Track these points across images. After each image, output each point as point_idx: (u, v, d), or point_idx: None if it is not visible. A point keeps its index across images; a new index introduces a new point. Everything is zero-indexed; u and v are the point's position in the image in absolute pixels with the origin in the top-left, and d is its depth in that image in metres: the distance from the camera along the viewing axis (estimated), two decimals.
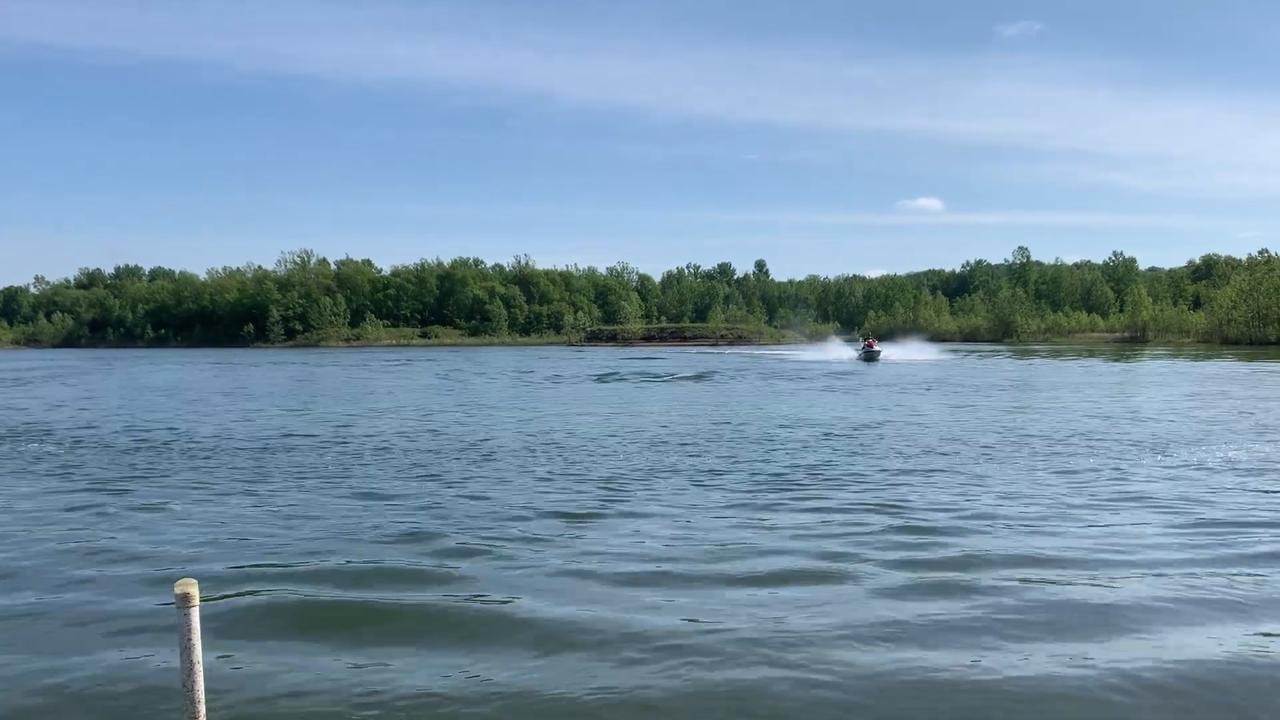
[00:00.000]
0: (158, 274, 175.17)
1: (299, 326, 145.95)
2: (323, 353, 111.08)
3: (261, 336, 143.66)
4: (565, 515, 12.49)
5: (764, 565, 9.74)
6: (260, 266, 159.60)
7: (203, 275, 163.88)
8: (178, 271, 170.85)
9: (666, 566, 9.78)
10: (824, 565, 9.73)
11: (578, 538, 11.19)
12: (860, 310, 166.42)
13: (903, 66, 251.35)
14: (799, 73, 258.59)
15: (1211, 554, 10.04)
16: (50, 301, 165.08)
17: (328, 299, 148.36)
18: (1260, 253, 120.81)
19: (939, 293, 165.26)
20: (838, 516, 12.18)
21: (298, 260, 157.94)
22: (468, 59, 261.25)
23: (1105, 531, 11.21)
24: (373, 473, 16.45)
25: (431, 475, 16.09)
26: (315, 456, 18.65)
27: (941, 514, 12.24)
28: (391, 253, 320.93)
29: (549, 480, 15.43)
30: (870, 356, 67.20)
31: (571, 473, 16.12)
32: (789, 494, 13.94)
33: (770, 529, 11.54)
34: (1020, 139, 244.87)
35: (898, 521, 11.81)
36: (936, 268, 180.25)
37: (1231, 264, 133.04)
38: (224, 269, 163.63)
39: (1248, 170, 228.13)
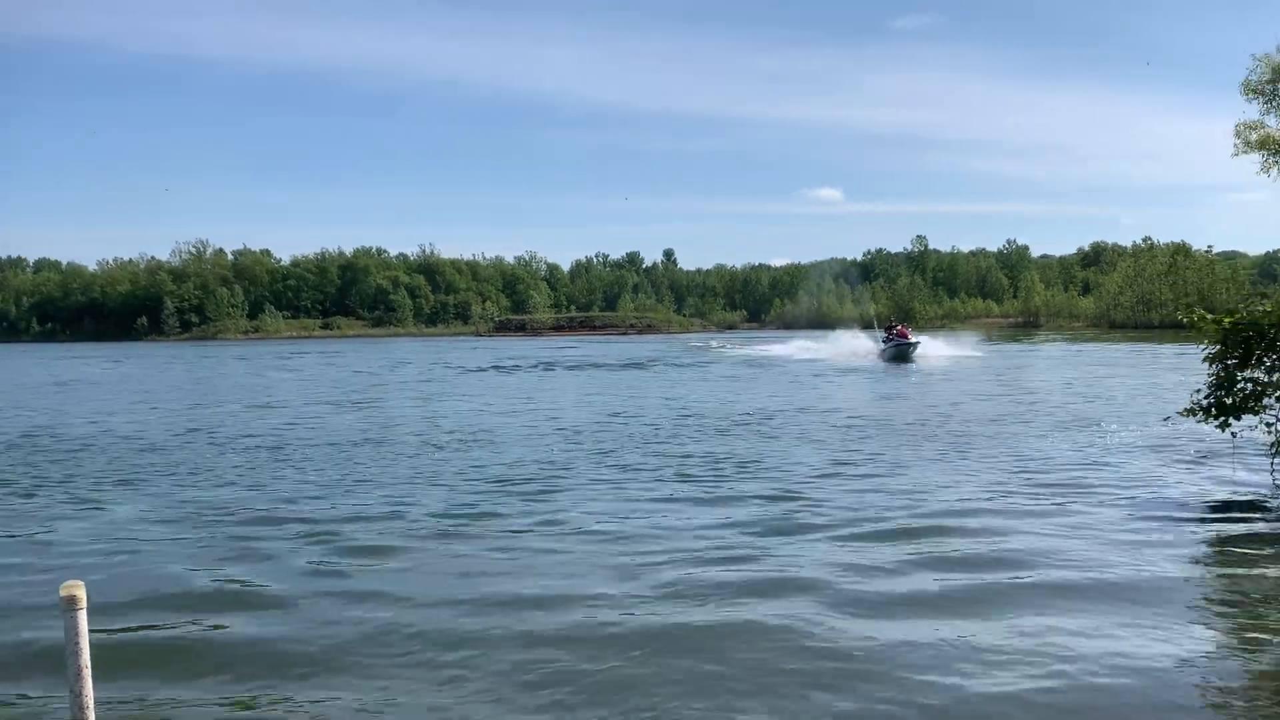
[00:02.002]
0: (43, 265, 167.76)
1: (195, 319, 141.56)
2: (220, 345, 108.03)
3: (156, 329, 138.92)
4: (470, 516, 12.38)
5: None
6: (154, 257, 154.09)
7: (92, 267, 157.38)
8: (65, 263, 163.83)
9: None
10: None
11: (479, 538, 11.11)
12: (766, 298, 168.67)
13: (800, 57, 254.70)
14: (701, 62, 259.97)
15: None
16: None
17: (225, 290, 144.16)
18: (1144, 240, 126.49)
19: (840, 280, 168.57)
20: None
21: (193, 251, 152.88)
22: (368, 42, 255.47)
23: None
24: (258, 470, 16.08)
25: (322, 473, 15.80)
26: (200, 454, 18.15)
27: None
28: (291, 243, 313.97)
29: (470, 479, 15.28)
30: (902, 353, 46.34)
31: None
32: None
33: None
34: (915, 129, 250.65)
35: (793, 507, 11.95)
36: (839, 256, 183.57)
37: (1118, 251, 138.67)
38: (115, 260, 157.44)
39: (1131, 159, 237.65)
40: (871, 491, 12.98)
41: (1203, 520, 10.97)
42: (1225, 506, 11.64)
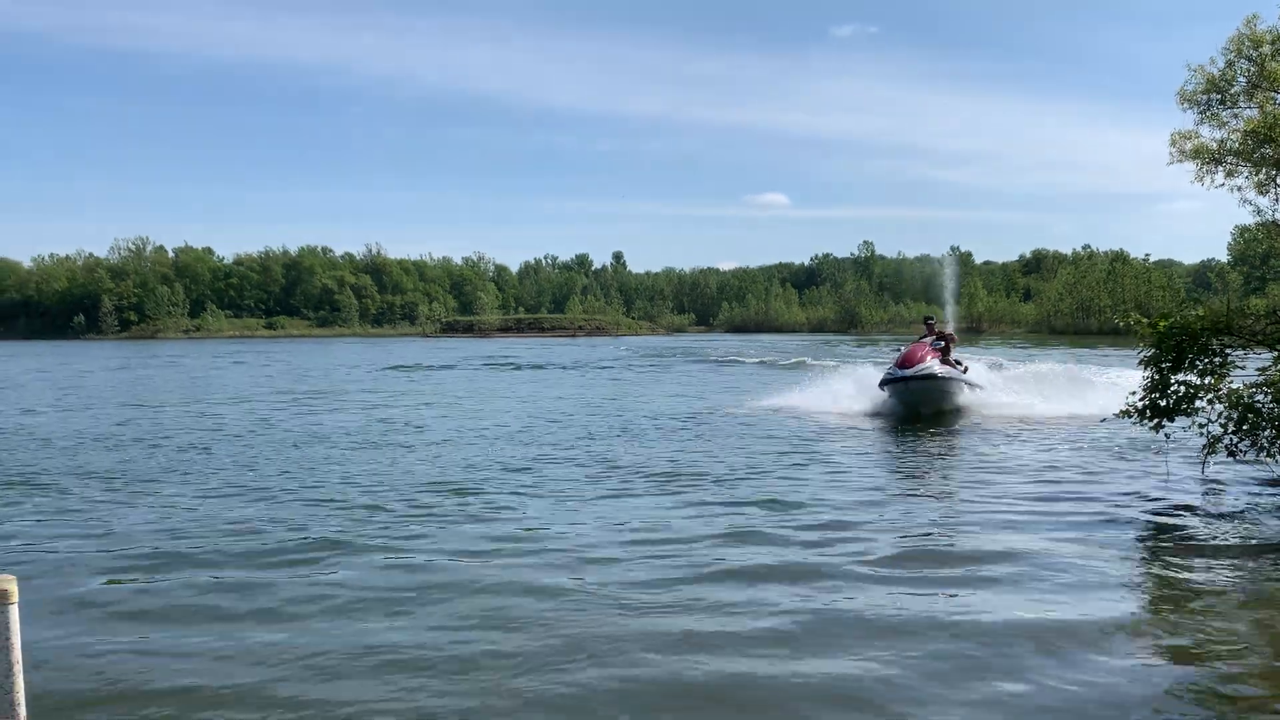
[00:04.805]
0: None
1: (134, 317, 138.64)
2: (159, 344, 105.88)
3: (93, 328, 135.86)
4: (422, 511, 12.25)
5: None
6: (91, 254, 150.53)
7: (27, 263, 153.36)
8: None
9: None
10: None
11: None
12: (715, 302, 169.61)
13: (744, 63, 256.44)
14: (648, 65, 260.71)
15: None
16: None
17: (165, 288, 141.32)
18: (1083, 248, 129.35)
19: (788, 285, 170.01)
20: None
21: (132, 248, 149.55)
22: (314, 39, 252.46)
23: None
24: (200, 469, 15.80)
25: (263, 473, 15.56)
26: (135, 453, 17.78)
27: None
28: (234, 241, 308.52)
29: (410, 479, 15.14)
30: (923, 394, 21.70)
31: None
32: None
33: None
34: (859, 136, 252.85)
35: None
36: (786, 260, 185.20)
37: (1058, 258, 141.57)
38: (51, 256, 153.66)
39: (1067, 168, 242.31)
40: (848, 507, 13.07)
41: (1137, 520, 11.22)
42: (1159, 506, 11.91)
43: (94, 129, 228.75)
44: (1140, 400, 12.66)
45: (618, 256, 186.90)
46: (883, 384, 22.21)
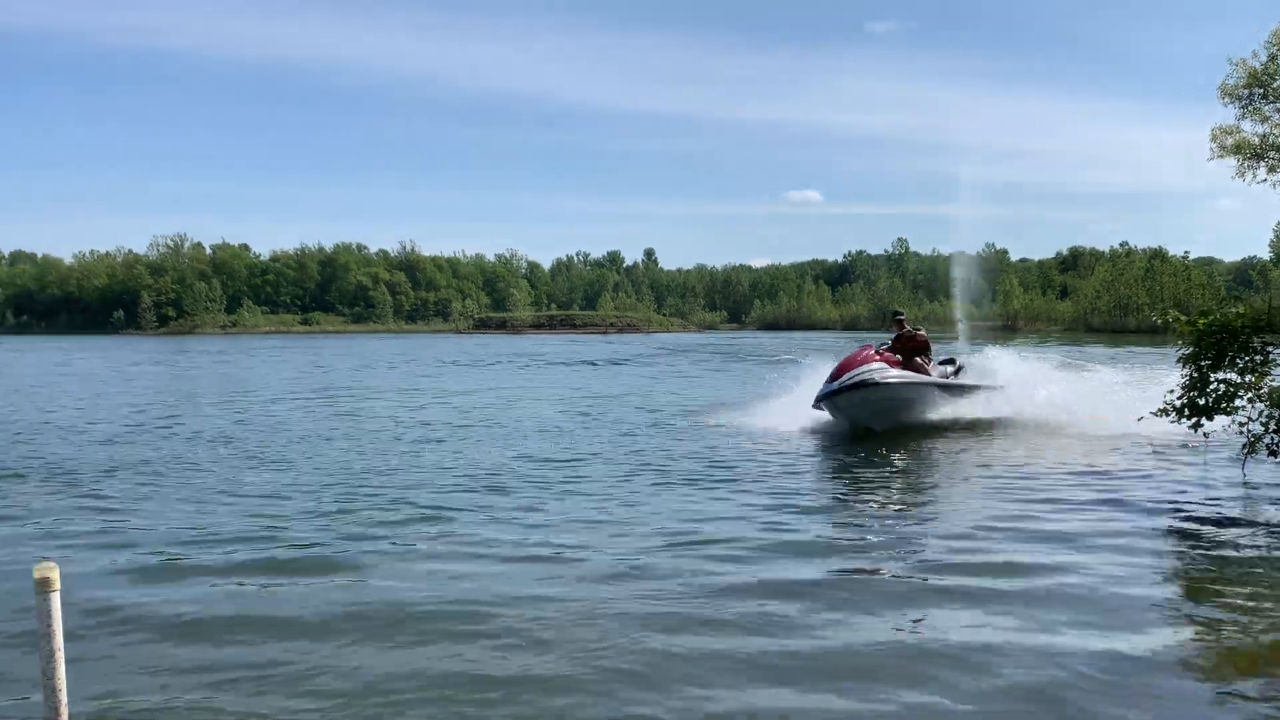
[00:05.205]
0: (18, 257, 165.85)
1: (172, 313, 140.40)
2: (197, 340, 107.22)
3: (132, 323, 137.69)
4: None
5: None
6: (131, 251, 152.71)
7: (69, 259, 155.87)
8: (40, 255, 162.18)
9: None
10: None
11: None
12: (747, 299, 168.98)
13: (778, 59, 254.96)
14: (682, 63, 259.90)
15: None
16: None
17: (203, 284, 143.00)
18: (1121, 245, 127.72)
19: (821, 282, 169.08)
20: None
21: (170, 244, 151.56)
22: (348, 38, 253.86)
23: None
24: (247, 465, 15.99)
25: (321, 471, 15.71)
26: (182, 447, 18.02)
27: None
28: (271, 238, 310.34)
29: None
30: (859, 407, 17.89)
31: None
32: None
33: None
34: (893, 132, 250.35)
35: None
36: (819, 257, 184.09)
37: (1095, 256, 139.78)
38: (92, 253, 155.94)
39: (1105, 166, 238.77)
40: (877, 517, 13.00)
41: (1175, 521, 11.07)
42: (1197, 507, 11.75)
43: (134, 127, 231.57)
44: (1179, 399, 12.51)
45: (649, 253, 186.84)
46: (816, 402, 18.27)
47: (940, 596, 8.14)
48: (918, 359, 19.27)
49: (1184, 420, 12.46)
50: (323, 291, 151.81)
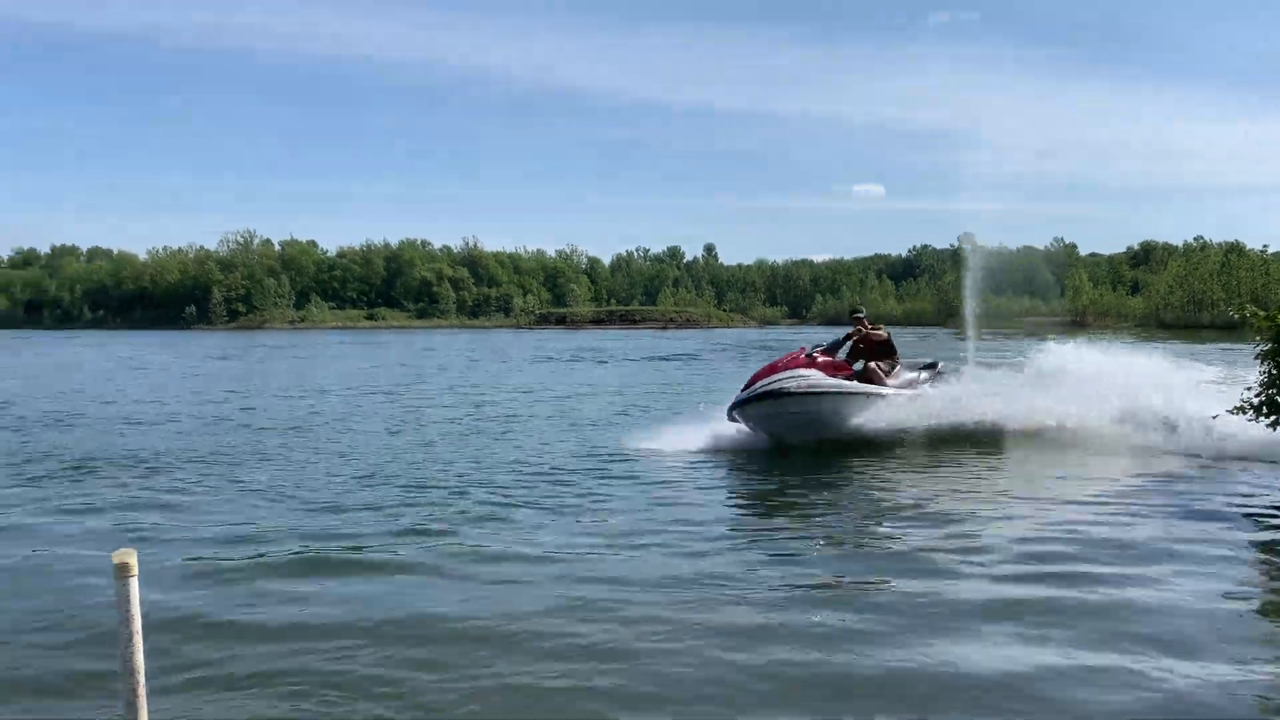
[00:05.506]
0: (96, 254, 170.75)
1: (242, 308, 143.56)
2: (267, 334, 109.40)
3: (204, 318, 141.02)
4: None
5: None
6: (202, 247, 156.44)
7: (143, 255, 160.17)
8: (116, 251, 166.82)
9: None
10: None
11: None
12: (808, 294, 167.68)
13: (839, 52, 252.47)
14: (741, 58, 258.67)
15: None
16: None
17: (272, 280, 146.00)
18: (1195, 239, 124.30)
19: (884, 277, 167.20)
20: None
21: (240, 241, 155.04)
22: (404, 36, 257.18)
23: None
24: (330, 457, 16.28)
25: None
26: (253, 439, 18.40)
27: None
28: (337, 234, 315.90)
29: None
30: (771, 420, 16.20)
31: None
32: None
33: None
34: (958, 125, 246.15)
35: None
36: (882, 252, 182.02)
37: (1168, 250, 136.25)
38: (164, 249, 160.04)
39: (1178, 159, 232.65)
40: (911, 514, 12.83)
41: (1249, 527, 10.74)
42: (1274, 512, 11.39)
43: (203, 126, 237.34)
44: (1256, 396, 12.17)
45: (709, 249, 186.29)
46: (728, 412, 16.49)
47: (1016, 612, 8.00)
48: (877, 362, 17.01)
49: (1262, 418, 12.12)
50: (388, 287, 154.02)
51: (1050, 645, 6.80)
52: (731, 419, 16.48)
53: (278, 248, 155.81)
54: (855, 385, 16.33)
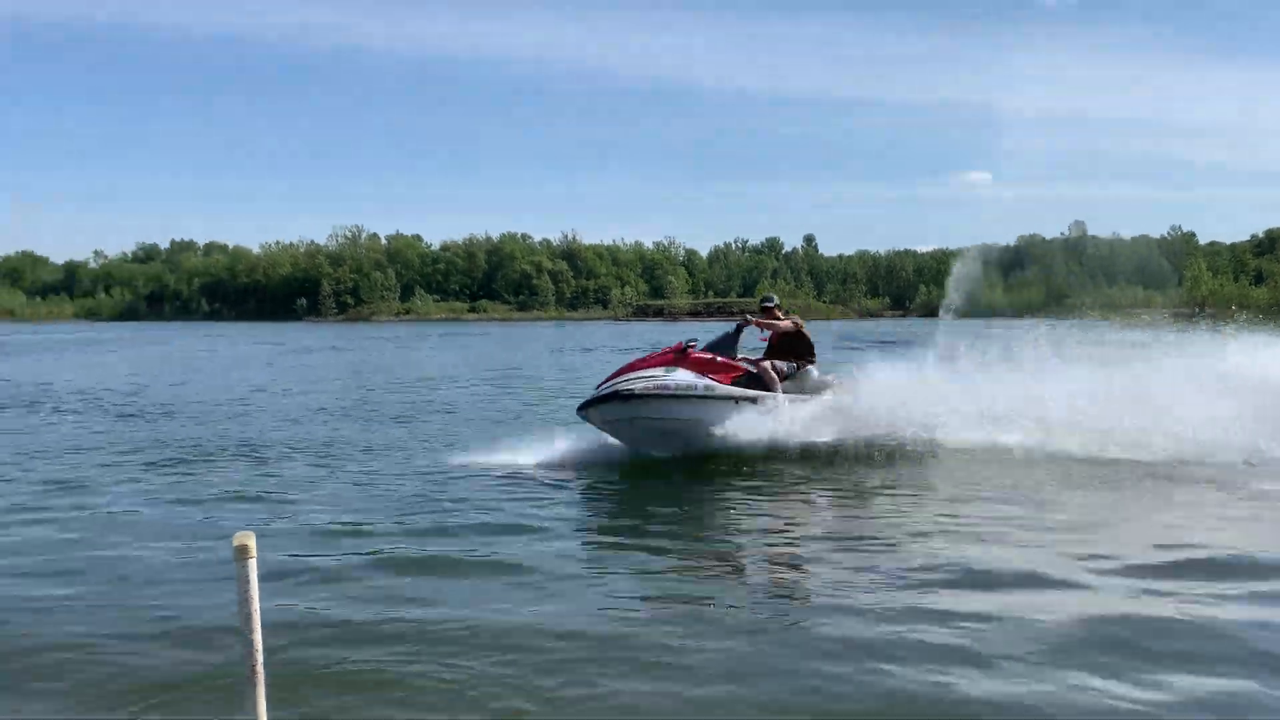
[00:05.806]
0: (212, 248, 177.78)
1: (350, 300, 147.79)
2: (375, 326, 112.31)
3: (314, 310, 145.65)
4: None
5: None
6: (312, 241, 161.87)
7: (256, 249, 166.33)
8: (231, 245, 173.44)
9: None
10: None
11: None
12: (911, 285, 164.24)
13: (944, 39, 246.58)
14: (844, 46, 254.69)
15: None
16: (108, 275, 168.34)
17: (378, 273, 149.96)
18: None
19: (991, 266, 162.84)
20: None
21: (349, 235, 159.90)
22: (508, 35, 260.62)
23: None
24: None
25: None
26: (363, 429, 18.78)
27: None
28: (440, 228, 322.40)
29: None
30: (618, 428, 14.08)
31: None
32: None
33: None
34: (1069, 111, 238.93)
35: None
36: (989, 241, 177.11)
37: None
38: (277, 243, 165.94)
39: None
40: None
41: None
42: None
43: (317, 126, 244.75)
44: None
45: (809, 239, 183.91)
46: (577, 411, 14.37)
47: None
48: (774, 361, 14.60)
49: None
50: (489, 280, 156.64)
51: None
52: (582, 418, 14.21)
53: (384, 241, 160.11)
54: (722, 388, 13.64)
